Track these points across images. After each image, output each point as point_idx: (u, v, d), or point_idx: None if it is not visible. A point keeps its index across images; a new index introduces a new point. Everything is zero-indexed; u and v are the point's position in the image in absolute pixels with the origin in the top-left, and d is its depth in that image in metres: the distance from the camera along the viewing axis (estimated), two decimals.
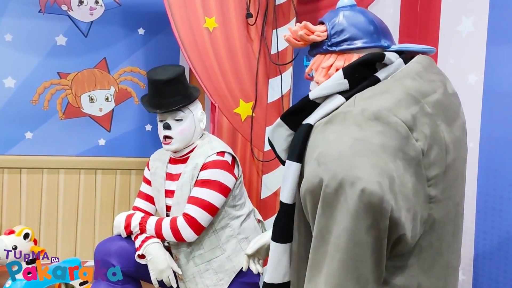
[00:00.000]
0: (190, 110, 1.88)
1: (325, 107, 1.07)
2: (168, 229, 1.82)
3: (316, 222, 0.94)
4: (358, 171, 0.91)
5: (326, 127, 1.02)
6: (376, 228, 0.90)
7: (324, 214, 0.92)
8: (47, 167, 2.91)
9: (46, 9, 2.83)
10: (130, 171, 3.07)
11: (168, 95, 1.82)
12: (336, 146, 0.96)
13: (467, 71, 1.82)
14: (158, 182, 1.98)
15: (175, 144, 1.86)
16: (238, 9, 2.20)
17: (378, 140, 0.95)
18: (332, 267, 0.90)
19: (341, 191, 0.90)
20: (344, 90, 1.08)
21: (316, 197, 0.94)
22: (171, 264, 1.83)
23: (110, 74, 3.00)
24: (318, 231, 0.93)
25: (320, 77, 1.14)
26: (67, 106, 2.94)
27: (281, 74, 2.29)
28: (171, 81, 1.82)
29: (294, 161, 1.04)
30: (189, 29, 2.14)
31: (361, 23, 1.14)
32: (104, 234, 3.01)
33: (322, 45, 1.14)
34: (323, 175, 0.92)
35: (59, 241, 2.97)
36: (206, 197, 1.80)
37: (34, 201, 2.90)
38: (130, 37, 3.01)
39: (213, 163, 1.83)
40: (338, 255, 0.90)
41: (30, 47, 2.81)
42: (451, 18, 1.93)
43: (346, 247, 0.89)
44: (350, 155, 0.93)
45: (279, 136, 1.12)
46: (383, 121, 0.97)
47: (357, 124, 0.97)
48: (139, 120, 3.09)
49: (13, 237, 2.07)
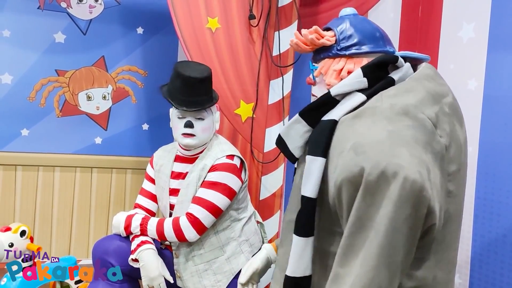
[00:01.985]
0: (212, 111, 1.89)
1: (346, 103, 1.11)
2: (170, 229, 1.81)
3: (355, 209, 0.96)
4: (400, 160, 0.94)
5: (354, 121, 1.05)
6: (414, 216, 0.94)
7: (364, 201, 0.95)
8: (43, 165, 2.89)
9: (45, 5, 2.82)
10: (126, 170, 3.06)
11: (199, 94, 1.81)
12: (372, 136, 0.99)
13: (468, 77, 1.85)
14: (162, 180, 1.96)
15: (196, 140, 1.84)
16: (241, 10, 2.21)
17: (410, 133, 1.00)
18: (370, 251, 0.94)
19: (384, 178, 0.93)
20: (363, 88, 1.12)
21: (355, 185, 0.97)
22: (163, 272, 1.80)
23: (108, 72, 2.99)
24: (357, 218, 0.96)
25: (332, 79, 1.17)
26: (64, 103, 2.92)
27: (283, 76, 2.30)
28: (204, 80, 1.81)
29: (318, 156, 1.06)
30: (192, 29, 2.13)
31: (367, 30, 1.19)
32: (99, 232, 2.99)
33: (331, 50, 1.19)
34: (364, 163, 0.95)
35: (54, 239, 2.94)
36: (211, 199, 1.80)
37: (29, 199, 2.87)
38: (128, 36, 3.01)
39: (222, 165, 1.83)
40: (377, 240, 0.93)
41: (28, 43, 2.80)
42: (452, 23, 1.96)
43: (386, 233, 0.93)
44: (389, 145, 0.97)
45: (295, 133, 1.14)
46: (411, 116, 1.02)
47: (388, 118, 1.02)
48: (136, 119, 3.08)
49: (9, 234, 2.03)
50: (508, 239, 1.74)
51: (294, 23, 2.32)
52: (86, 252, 2.99)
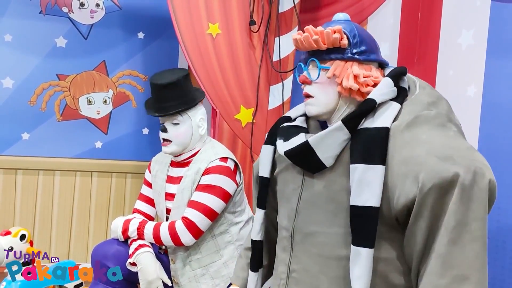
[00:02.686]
0: (189, 115, 1.88)
1: (387, 112, 1.10)
2: (166, 233, 1.82)
3: (452, 215, 0.98)
4: (481, 163, 1.01)
5: (410, 129, 1.06)
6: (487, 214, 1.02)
7: (462, 206, 0.98)
8: (43, 169, 2.89)
9: (46, 10, 2.83)
10: (126, 175, 3.06)
11: (166, 99, 1.83)
12: (446, 142, 1.04)
13: (467, 83, 1.86)
14: (158, 184, 1.97)
15: (172, 147, 1.87)
16: (242, 16, 2.22)
17: (462, 138, 1.09)
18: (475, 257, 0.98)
19: (475, 182, 0.99)
20: (394, 97, 1.14)
21: (445, 191, 0.98)
22: (161, 276, 1.81)
23: (108, 77, 3.00)
24: (456, 223, 0.98)
25: (352, 82, 1.13)
26: (65, 108, 2.93)
27: (283, 81, 2.31)
28: (169, 86, 1.82)
29: (377, 164, 1.04)
30: (193, 35, 2.15)
31: (371, 38, 1.20)
32: (98, 236, 2.99)
33: (345, 52, 1.15)
34: (456, 169, 0.98)
35: (53, 242, 2.94)
36: (206, 202, 1.80)
37: (29, 202, 2.88)
38: (129, 40, 3.02)
39: (216, 168, 1.83)
40: (479, 244, 0.98)
41: (30, 48, 2.81)
42: (451, 30, 1.97)
43: (483, 235, 0.99)
44: (466, 149, 1.03)
45: (333, 141, 1.10)
46: (454, 123, 1.10)
47: (441, 125, 1.07)
48: (136, 124, 3.09)
49: (9, 238, 2.04)
50: (508, 245, 1.75)
51: (294, 29, 2.33)
52: (85, 256, 2.99)
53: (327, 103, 1.16)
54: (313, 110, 1.18)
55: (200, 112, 1.92)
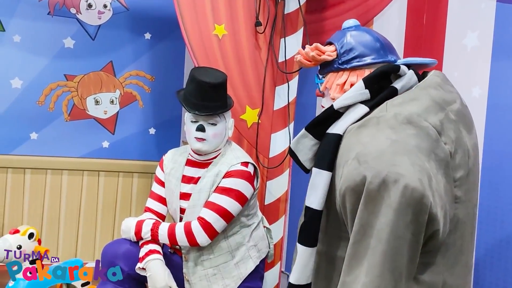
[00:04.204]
0: (225, 117, 1.91)
1: (349, 116, 1.13)
2: (182, 233, 1.82)
3: (358, 218, 0.99)
4: (400, 169, 0.97)
5: (359, 131, 1.07)
6: (416, 223, 0.97)
7: (366, 210, 0.98)
8: (51, 168, 2.93)
9: (55, 11, 2.87)
10: (132, 174, 3.09)
11: (212, 99, 1.84)
12: (374, 146, 1.01)
13: (472, 85, 1.86)
14: (172, 183, 1.97)
15: (207, 145, 1.87)
16: (248, 17, 2.23)
17: (413, 142, 1.02)
18: (373, 259, 0.96)
19: (384, 187, 0.96)
20: (366, 99, 1.14)
21: (357, 194, 1.00)
22: (170, 283, 1.81)
23: (116, 77, 3.03)
24: (360, 226, 0.99)
25: (336, 93, 1.20)
26: (73, 108, 2.96)
27: (288, 82, 2.32)
28: (218, 86, 1.84)
29: (324, 169, 1.09)
30: (199, 36, 2.16)
31: (368, 41, 1.21)
32: (105, 236, 3.02)
33: (333, 64, 1.22)
34: (365, 172, 0.98)
35: (61, 241, 2.98)
36: (224, 204, 1.82)
37: (37, 201, 2.91)
38: (136, 41, 3.05)
39: (237, 172, 1.85)
40: (380, 247, 0.96)
41: (38, 48, 2.85)
42: (456, 31, 1.97)
43: (388, 240, 0.96)
44: (391, 154, 0.99)
45: (304, 146, 1.17)
46: (415, 125, 1.04)
47: (391, 127, 1.04)
48: (143, 124, 3.12)
49: (18, 236, 2.07)
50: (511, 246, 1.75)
51: (300, 29, 2.34)
52: (93, 255, 3.02)
53: None
54: None
55: (230, 115, 1.97)
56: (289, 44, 2.30)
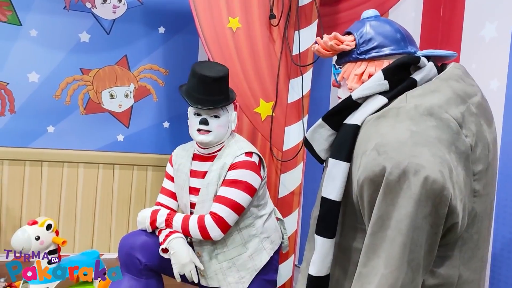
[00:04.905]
0: (227, 110, 1.91)
1: (367, 106, 1.12)
2: (195, 227, 1.84)
3: (376, 208, 0.99)
4: (421, 160, 0.96)
5: (378, 122, 1.06)
6: (435, 215, 0.96)
7: (385, 201, 0.97)
8: (67, 161, 2.97)
9: (70, 6, 2.89)
10: (147, 167, 3.12)
11: (214, 93, 1.84)
12: (394, 136, 1.00)
13: (490, 77, 1.83)
14: (181, 178, 1.99)
15: (211, 136, 1.87)
16: (262, 10, 2.23)
17: (434, 133, 1.01)
18: (392, 250, 0.96)
19: (405, 178, 0.95)
20: (385, 90, 1.13)
21: (376, 185, 0.99)
22: (194, 259, 1.85)
23: (130, 71, 3.05)
24: (378, 217, 0.98)
25: (353, 83, 1.19)
26: (88, 101, 2.99)
27: (302, 75, 2.31)
28: (219, 80, 1.85)
29: (342, 160, 1.08)
30: (213, 29, 2.17)
31: (387, 32, 1.20)
32: (121, 227, 3.06)
33: (352, 54, 1.20)
34: (385, 163, 0.97)
35: (77, 232, 3.02)
36: (234, 197, 1.82)
37: (54, 194, 2.96)
38: (150, 35, 3.06)
39: (242, 163, 1.85)
40: (399, 239, 0.95)
41: (55, 43, 2.88)
42: (474, 23, 1.94)
43: (407, 231, 0.95)
44: (411, 145, 0.98)
45: (320, 136, 1.17)
46: (436, 116, 1.04)
47: (411, 118, 1.03)
48: (157, 117, 3.14)
49: (36, 227, 2.10)
50: None
51: (314, 22, 2.33)
52: (108, 246, 3.06)
53: None
54: None
55: (233, 108, 1.97)
56: (303, 37, 2.29)
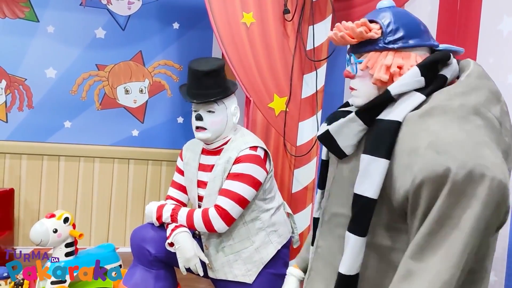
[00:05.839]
0: (224, 103, 1.91)
1: (405, 103, 1.09)
2: (200, 220, 1.86)
3: (437, 208, 0.98)
4: (485, 161, 0.97)
5: (424, 120, 1.05)
6: (496, 215, 0.98)
7: (448, 201, 0.97)
8: (84, 156, 3.01)
9: (86, 2, 2.92)
10: (161, 162, 3.15)
11: (205, 87, 1.85)
12: (451, 136, 1.00)
13: (507, 71, 1.80)
14: (191, 172, 2.01)
15: (207, 134, 1.89)
16: (276, 4, 2.22)
17: (484, 133, 1.02)
18: (452, 249, 0.96)
19: (471, 179, 0.95)
20: (420, 87, 1.11)
21: (438, 184, 0.97)
22: (198, 253, 1.87)
23: (145, 66, 3.07)
24: (439, 217, 0.97)
25: (382, 74, 1.14)
26: (104, 97, 3.03)
27: (316, 70, 2.30)
28: (210, 73, 1.85)
29: (381, 157, 1.05)
30: (227, 24, 2.17)
31: (411, 23, 1.17)
32: (135, 221, 3.10)
33: (377, 43, 1.15)
34: (448, 163, 0.96)
35: (93, 226, 3.07)
36: (238, 190, 1.83)
37: (70, 188, 3.01)
38: (165, 31, 3.08)
39: (246, 157, 1.85)
40: (461, 238, 0.96)
41: (71, 39, 2.91)
42: (491, 16, 1.91)
43: (471, 231, 0.96)
44: (472, 145, 0.98)
45: (349, 131, 1.14)
46: (482, 116, 1.04)
47: (461, 117, 1.02)
48: (171, 113, 3.16)
49: (54, 220, 2.13)
50: None
51: (328, 17, 2.32)
52: (123, 240, 3.10)
53: (368, 94, 1.17)
54: (357, 102, 1.20)
55: (234, 101, 1.95)
56: (317, 32, 2.28)
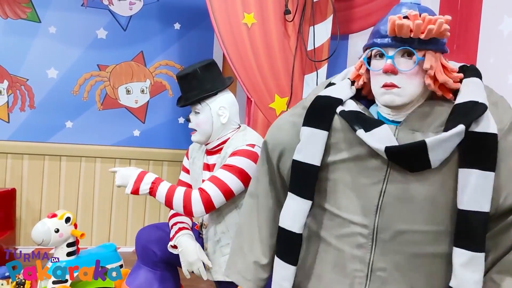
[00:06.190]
0: (207, 103, 1.88)
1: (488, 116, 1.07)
2: (180, 199, 1.76)
3: None
4: None
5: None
6: None
7: None
8: (85, 156, 3.02)
9: (88, 3, 2.93)
10: (162, 162, 3.15)
11: (188, 90, 1.88)
12: None
13: (508, 71, 1.81)
14: (196, 172, 2.01)
15: (196, 136, 1.89)
16: (277, 5, 2.23)
17: None
18: None
19: None
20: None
21: None
22: (201, 257, 1.84)
23: (146, 67, 3.08)
24: None
25: (445, 76, 1.10)
26: (105, 97, 3.03)
27: (317, 70, 2.31)
28: (187, 77, 1.87)
29: (491, 171, 1.05)
30: (228, 25, 2.18)
31: None
32: (137, 221, 3.10)
33: (439, 43, 1.09)
34: None
35: (94, 226, 3.07)
36: (225, 180, 1.78)
37: (72, 187, 3.01)
38: (166, 31, 3.09)
39: (242, 151, 1.82)
40: None
41: (72, 39, 2.92)
42: (492, 17, 1.92)
43: None
44: None
45: (451, 145, 1.05)
46: None
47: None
48: (172, 113, 3.16)
49: (55, 220, 2.13)
50: None
51: (329, 17, 2.32)
52: (124, 240, 3.11)
53: (413, 94, 1.10)
54: (398, 101, 1.10)
55: (219, 101, 1.88)
56: (318, 32, 2.29)
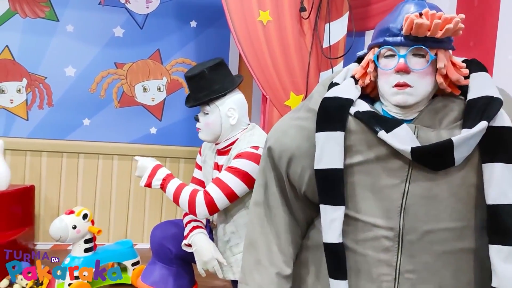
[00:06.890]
0: (216, 105, 1.87)
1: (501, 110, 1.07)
2: (186, 199, 1.81)
3: None
4: None
5: None
6: None
7: None
8: (102, 153, 3.05)
9: (105, 1, 2.96)
10: (179, 159, 3.17)
11: (197, 90, 1.87)
12: None
13: None
14: (207, 170, 2.02)
15: (202, 134, 1.90)
16: (292, 2, 2.23)
17: None
18: None
19: None
20: None
21: None
22: (216, 255, 1.85)
23: (163, 65, 3.11)
24: None
25: (457, 74, 1.10)
26: (122, 95, 3.07)
27: (332, 68, 2.30)
28: (194, 78, 1.86)
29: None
30: (244, 22, 2.18)
31: None
32: (153, 218, 3.13)
33: (449, 42, 1.09)
34: None
35: (112, 222, 3.11)
36: (229, 183, 1.79)
37: (89, 184, 3.06)
38: (182, 29, 3.11)
39: (246, 154, 1.82)
40: None
41: (90, 38, 2.96)
42: (510, 12, 1.88)
43: None
44: None
45: (475, 141, 1.05)
46: None
47: None
48: (189, 110, 3.15)
49: (73, 217, 2.18)
50: None
51: (345, 14, 2.31)
52: (141, 237, 3.14)
53: (424, 93, 1.10)
54: (411, 100, 1.09)
55: (229, 102, 1.87)
56: (333, 30, 2.28)
